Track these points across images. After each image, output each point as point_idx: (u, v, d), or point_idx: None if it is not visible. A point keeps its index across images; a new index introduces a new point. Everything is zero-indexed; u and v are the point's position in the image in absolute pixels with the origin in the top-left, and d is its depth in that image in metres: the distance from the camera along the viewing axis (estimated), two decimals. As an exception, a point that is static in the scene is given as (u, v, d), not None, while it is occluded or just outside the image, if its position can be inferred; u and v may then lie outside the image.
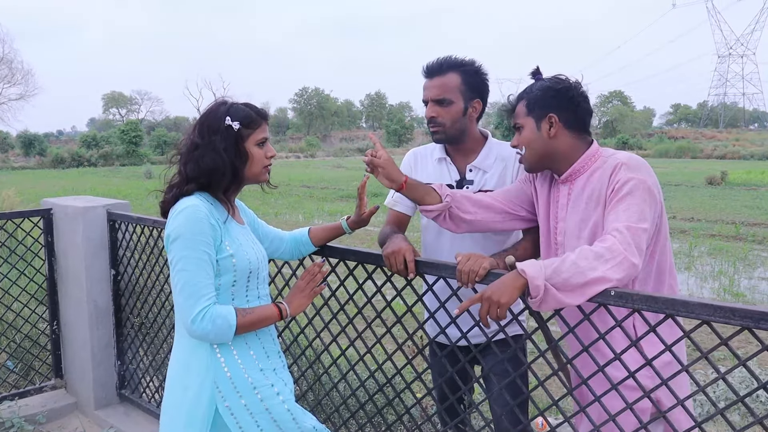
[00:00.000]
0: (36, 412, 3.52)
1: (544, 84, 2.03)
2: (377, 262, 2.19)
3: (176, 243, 1.82)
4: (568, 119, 2.01)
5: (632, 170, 1.88)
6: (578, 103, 2.01)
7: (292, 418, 1.96)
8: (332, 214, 15.80)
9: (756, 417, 1.48)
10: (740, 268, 9.40)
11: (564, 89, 2.01)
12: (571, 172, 2.04)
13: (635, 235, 1.74)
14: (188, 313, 1.79)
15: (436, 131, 2.34)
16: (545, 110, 2.00)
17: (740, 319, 1.45)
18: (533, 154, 2.05)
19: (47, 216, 3.59)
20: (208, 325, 1.79)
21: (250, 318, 1.89)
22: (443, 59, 2.32)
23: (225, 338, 1.85)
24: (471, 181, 2.37)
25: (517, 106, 2.09)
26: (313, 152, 58.86)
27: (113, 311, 3.52)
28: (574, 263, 1.68)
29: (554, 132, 2.00)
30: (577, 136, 2.03)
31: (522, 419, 2.00)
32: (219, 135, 1.88)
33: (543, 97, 2.01)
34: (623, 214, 1.80)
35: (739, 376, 4.22)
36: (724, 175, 23.21)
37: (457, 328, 2.05)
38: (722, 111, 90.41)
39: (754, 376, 1.52)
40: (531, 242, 2.23)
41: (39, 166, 42.35)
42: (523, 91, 2.09)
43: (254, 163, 1.95)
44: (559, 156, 2.03)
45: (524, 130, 2.05)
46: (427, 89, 2.33)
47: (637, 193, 1.83)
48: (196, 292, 1.79)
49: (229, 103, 1.95)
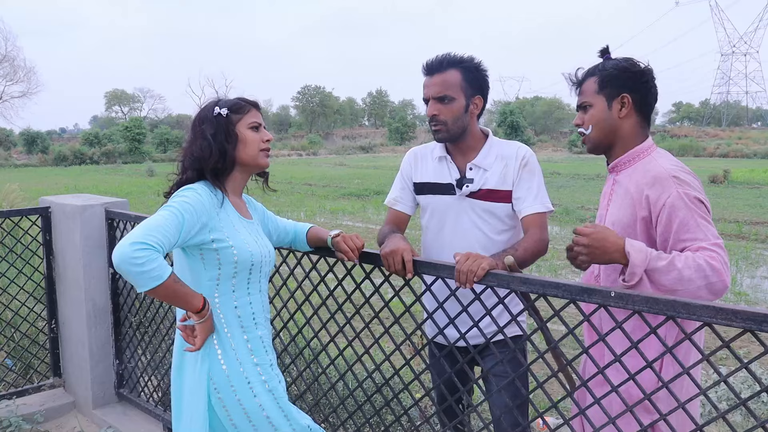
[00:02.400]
0: (34, 411, 3.51)
1: (619, 63, 2.00)
2: (375, 262, 2.17)
3: (168, 202, 1.86)
4: (639, 102, 2.00)
5: (682, 184, 1.84)
6: (650, 87, 2.00)
7: (284, 416, 1.96)
8: (334, 212, 15.79)
9: (758, 420, 1.45)
10: (743, 267, 9.37)
11: (640, 72, 1.99)
12: (618, 162, 2.04)
13: (726, 254, 1.77)
14: (133, 236, 1.68)
15: (438, 129, 2.31)
16: (619, 90, 1.98)
17: (742, 321, 1.43)
18: (600, 132, 2.03)
19: (45, 214, 3.57)
20: (139, 258, 1.65)
21: (178, 289, 1.79)
22: (443, 56, 2.29)
23: (136, 279, 1.68)
24: (471, 179, 2.34)
25: (585, 83, 2.06)
26: (315, 150, 58.83)
27: (111, 310, 3.50)
28: (679, 271, 1.69)
29: (625, 113, 1.99)
30: (641, 122, 2.02)
31: (521, 421, 1.98)
32: (207, 122, 1.95)
33: (618, 77, 1.98)
34: (699, 231, 1.79)
35: (742, 376, 4.19)
36: (727, 173, 23.15)
37: (456, 329, 2.02)
38: (725, 109, 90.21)
39: (756, 379, 1.49)
40: (531, 242, 2.20)
41: (41, 164, 42.37)
42: (594, 67, 2.05)
43: (248, 145, 1.98)
44: (620, 139, 2.02)
45: (593, 108, 2.03)
46: (427, 87, 2.31)
47: (696, 207, 1.82)
48: (156, 231, 1.71)
49: (220, 99, 2.02)
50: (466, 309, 1.99)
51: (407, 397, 3.24)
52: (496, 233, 2.34)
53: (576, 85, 2.10)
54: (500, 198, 2.32)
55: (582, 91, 2.07)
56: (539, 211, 2.27)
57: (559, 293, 1.73)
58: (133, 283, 1.72)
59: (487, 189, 2.32)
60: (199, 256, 1.90)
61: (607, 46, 2.08)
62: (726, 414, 1.53)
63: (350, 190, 21.33)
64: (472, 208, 2.33)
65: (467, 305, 1.99)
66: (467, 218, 2.33)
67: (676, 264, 1.71)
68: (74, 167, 40.58)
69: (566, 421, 1.86)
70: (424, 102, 2.34)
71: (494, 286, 1.87)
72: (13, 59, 49.37)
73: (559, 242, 11.17)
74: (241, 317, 1.97)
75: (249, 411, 1.92)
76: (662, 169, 1.89)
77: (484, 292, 1.95)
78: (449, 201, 2.36)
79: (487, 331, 2.22)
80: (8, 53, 49.09)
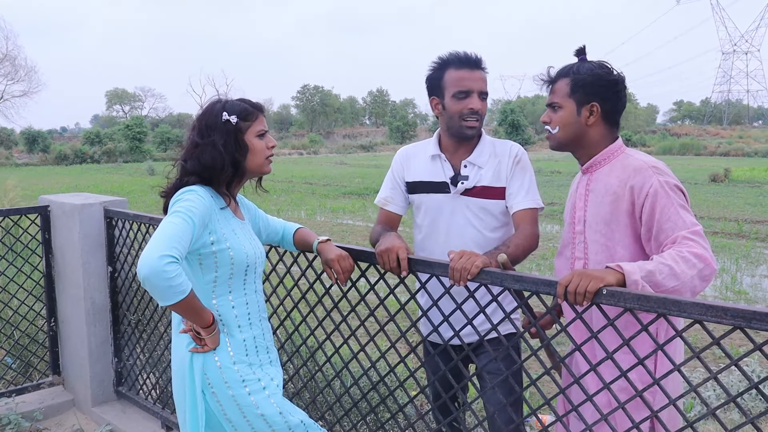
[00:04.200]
0: (33, 409, 3.52)
1: (594, 70, 2.01)
2: (370, 260, 2.18)
3: (173, 206, 1.85)
4: (608, 111, 2.03)
5: (662, 173, 1.90)
6: (621, 97, 2.03)
7: (279, 413, 1.98)
8: (334, 210, 15.79)
9: (747, 417, 1.47)
10: (743, 265, 9.36)
11: (614, 81, 2.01)
12: (592, 163, 2.07)
13: (705, 238, 1.81)
14: (160, 248, 1.69)
15: (475, 126, 2.31)
16: (589, 97, 2.00)
17: (732, 318, 1.44)
18: (565, 135, 2.07)
19: (45, 213, 3.59)
20: (170, 272, 1.67)
21: (195, 303, 1.83)
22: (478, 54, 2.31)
23: (164, 293, 1.70)
24: (466, 176, 2.35)
25: (557, 83, 2.07)
26: (315, 149, 58.83)
27: (110, 308, 3.51)
28: (671, 267, 1.71)
29: (593, 121, 2.02)
30: (609, 129, 2.05)
31: (514, 418, 1.99)
32: (217, 131, 1.92)
33: (591, 84, 2.00)
34: (679, 219, 1.84)
35: (738, 374, 4.20)
36: (728, 172, 23.10)
37: (450, 326, 2.04)
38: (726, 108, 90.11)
39: (746, 376, 1.50)
40: (523, 238, 2.22)
41: (42, 163, 42.42)
42: (568, 68, 2.06)
43: (256, 155, 1.98)
44: (587, 143, 2.06)
45: (562, 111, 2.05)
46: (475, 81, 2.28)
47: (676, 195, 1.87)
48: (176, 241, 1.72)
49: (224, 100, 1.99)
50: (460, 307, 2.01)
51: (403, 395, 3.25)
52: (490, 230, 2.36)
53: (548, 83, 2.11)
54: (495, 195, 2.33)
55: (553, 90, 2.08)
56: (530, 206, 2.30)
57: (551, 291, 1.75)
58: (159, 296, 1.71)
59: (481, 186, 2.33)
60: (197, 261, 1.92)
61: (583, 46, 2.09)
62: (716, 411, 1.54)
63: (351, 189, 21.32)
64: (467, 205, 2.34)
65: (461, 303, 2.01)
66: (462, 216, 2.34)
67: (665, 262, 1.73)
68: (75, 166, 40.61)
69: (559, 418, 1.87)
70: (464, 95, 2.27)
71: (488, 284, 1.89)
72: (14, 58, 49.48)
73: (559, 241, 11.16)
74: (238, 317, 1.99)
75: (243, 407, 1.94)
76: (641, 161, 1.95)
77: (478, 290, 1.96)
78: (443, 199, 2.37)
79: (481, 328, 2.24)
80: (9, 52, 49.18)
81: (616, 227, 1.96)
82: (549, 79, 2.11)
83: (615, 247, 1.99)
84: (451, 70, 2.29)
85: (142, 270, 1.66)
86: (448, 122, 2.34)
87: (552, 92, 2.08)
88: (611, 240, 1.99)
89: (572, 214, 2.15)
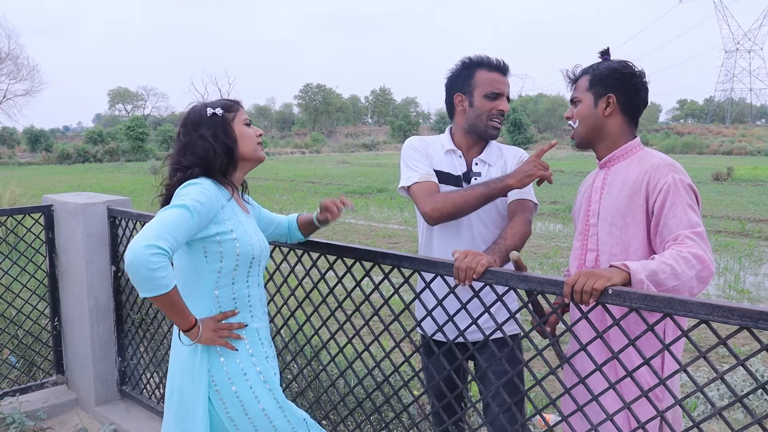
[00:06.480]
0: (37, 408, 3.53)
1: (611, 65, 2.10)
2: (375, 260, 2.18)
3: (175, 198, 1.86)
4: (624, 103, 2.09)
5: (678, 171, 1.95)
6: (638, 90, 2.09)
7: (280, 407, 1.99)
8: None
9: (754, 417, 1.46)
10: (746, 264, 9.35)
11: (629, 74, 2.08)
12: (611, 157, 2.12)
13: (706, 240, 1.85)
14: (150, 237, 1.68)
15: (499, 128, 2.43)
16: (606, 89, 2.08)
17: (739, 318, 1.43)
18: (585, 128, 2.13)
19: (48, 212, 3.59)
20: (154, 263, 1.67)
21: (178, 302, 1.81)
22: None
23: (144, 283, 1.69)
24: (478, 173, 2.42)
25: (579, 80, 2.17)
26: (318, 148, 58.87)
27: (114, 308, 3.52)
28: (672, 267, 1.74)
29: (609, 112, 2.08)
30: (627, 122, 2.11)
31: (518, 417, 1.98)
32: (204, 125, 1.97)
33: (608, 77, 2.08)
34: (685, 217, 1.88)
35: (743, 373, 4.19)
36: (731, 171, 23.07)
37: (455, 325, 2.03)
38: (729, 106, 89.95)
39: (753, 376, 1.50)
40: (518, 226, 2.27)
41: (45, 162, 42.50)
42: (589, 66, 2.16)
43: (246, 141, 2.03)
44: (606, 136, 2.12)
45: (581, 104, 2.13)
46: (506, 85, 2.41)
47: (687, 195, 1.92)
48: (169, 232, 1.72)
49: (203, 101, 2.06)
50: (465, 306, 2.00)
51: (407, 395, 3.25)
52: (496, 227, 2.40)
53: (572, 82, 2.20)
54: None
55: (576, 86, 2.17)
56: (526, 198, 2.37)
57: (557, 291, 1.74)
58: (139, 286, 1.70)
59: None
60: (202, 249, 1.92)
61: (607, 48, 2.17)
62: (722, 411, 1.54)
63: (353, 187, 21.33)
64: None
65: (466, 302, 2.00)
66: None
67: (667, 262, 1.75)
68: (78, 165, 40.68)
69: (564, 418, 1.87)
70: (493, 97, 2.37)
71: (493, 284, 1.88)
72: (16, 57, 49.46)
73: (563, 240, 11.17)
74: (239, 309, 2.00)
75: (245, 402, 1.94)
76: (659, 158, 2.01)
77: (483, 290, 1.95)
78: None
79: (485, 327, 2.23)
80: (11, 51, 49.17)
81: (631, 221, 2.00)
82: (573, 77, 2.19)
83: (629, 241, 2.02)
84: (483, 71, 2.38)
85: (127, 257, 1.67)
86: (473, 120, 2.40)
87: (575, 89, 2.17)
88: (626, 233, 2.02)
89: (587, 206, 2.19)
